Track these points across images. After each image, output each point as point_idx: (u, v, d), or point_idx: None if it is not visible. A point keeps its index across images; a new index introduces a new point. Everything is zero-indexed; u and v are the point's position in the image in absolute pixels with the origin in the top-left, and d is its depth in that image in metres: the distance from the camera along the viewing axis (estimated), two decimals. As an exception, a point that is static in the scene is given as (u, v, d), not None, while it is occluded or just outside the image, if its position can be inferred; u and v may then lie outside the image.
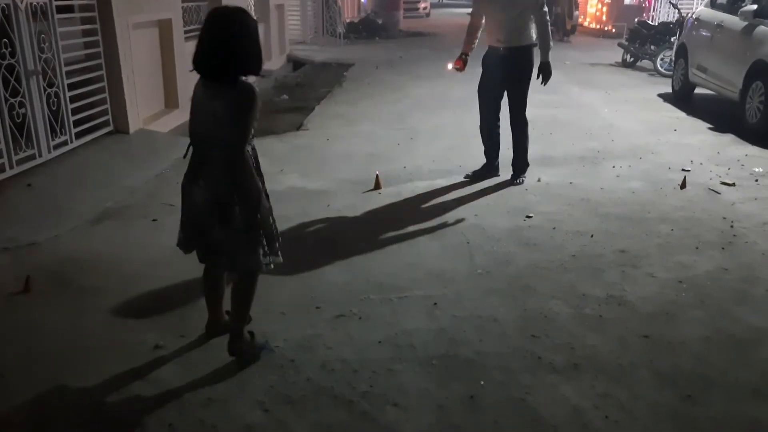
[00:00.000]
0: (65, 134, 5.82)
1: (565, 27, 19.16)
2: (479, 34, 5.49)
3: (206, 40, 2.46)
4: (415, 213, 4.79)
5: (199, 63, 2.50)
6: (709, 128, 7.64)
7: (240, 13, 2.51)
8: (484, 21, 5.39)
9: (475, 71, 5.43)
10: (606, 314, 3.32)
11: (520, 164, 5.49)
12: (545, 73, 5.26)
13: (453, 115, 7.19)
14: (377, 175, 5.36)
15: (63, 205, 4.72)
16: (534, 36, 5.20)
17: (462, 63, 5.39)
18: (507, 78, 5.25)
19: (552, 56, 5.30)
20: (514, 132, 5.42)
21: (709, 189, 5.32)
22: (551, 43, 5.23)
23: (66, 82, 5.78)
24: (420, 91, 9.59)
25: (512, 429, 2.47)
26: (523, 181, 5.43)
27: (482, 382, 2.75)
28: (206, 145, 2.55)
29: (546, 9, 5.17)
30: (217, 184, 2.54)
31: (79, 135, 6.04)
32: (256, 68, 2.54)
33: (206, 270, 2.88)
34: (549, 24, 5.22)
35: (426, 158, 6.22)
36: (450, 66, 5.51)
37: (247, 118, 2.47)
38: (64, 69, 5.75)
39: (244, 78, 2.52)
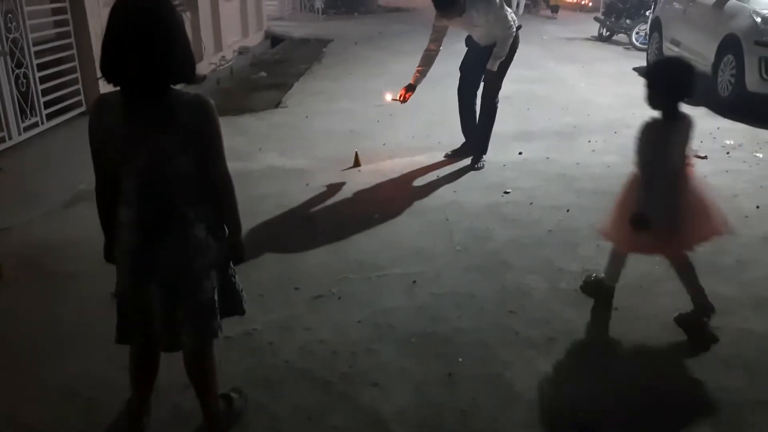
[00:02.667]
0: (36, 116, 5.73)
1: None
2: (434, 62, 5.19)
3: (128, 40, 1.82)
4: (395, 190, 4.80)
5: (118, 72, 1.86)
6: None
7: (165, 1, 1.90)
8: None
9: (456, 48, 5.39)
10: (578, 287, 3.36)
11: (478, 147, 5.34)
12: (488, 81, 5.10)
13: (432, 92, 7.14)
14: (356, 153, 5.34)
15: (35, 188, 4.66)
16: (510, 24, 4.97)
17: (406, 93, 5.14)
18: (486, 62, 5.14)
19: (531, 30, 5.28)
20: (481, 114, 5.33)
21: (684, 162, 5.36)
22: (503, 54, 4.98)
23: (35, 62, 5.68)
24: (400, 67, 9.48)
25: (490, 404, 2.51)
26: (483, 165, 5.26)
27: (460, 359, 2.78)
28: (163, 185, 1.95)
29: (511, 24, 4.91)
30: (197, 228, 2.01)
31: (50, 116, 5.96)
32: (190, 73, 1.94)
33: (143, 347, 2.22)
34: (511, 37, 4.95)
35: (405, 135, 6.21)
36: (389, 97, 5.26)
37: (219, 134, 1.98)
38: (33, 49, 5.64)
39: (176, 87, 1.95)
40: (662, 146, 2.87)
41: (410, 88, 5.17)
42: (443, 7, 4.87)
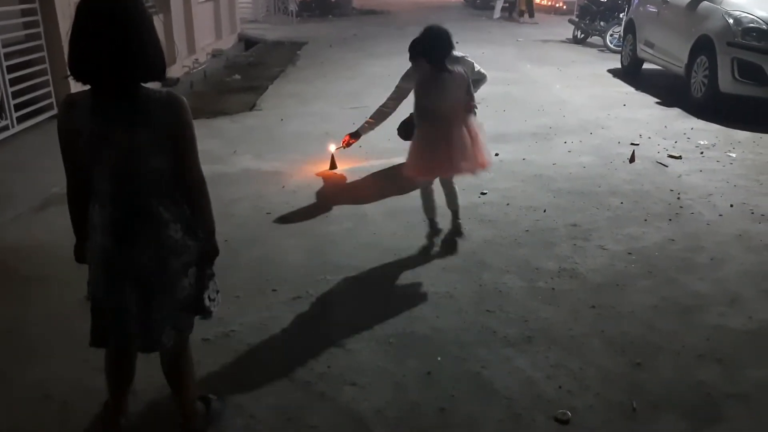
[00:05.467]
0: (6, 119, 5.63)
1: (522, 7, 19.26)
2: (386, 119, 5.26)
3: (96, 37, 1.78)
4: (371, 192, 4.78)
5: (87, 70, 1.83)
6: (657, 102, 7.81)
7: None
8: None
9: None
10: (558, 287, 3.38)
11: None
12: None
13: (410, 96, 7.20)
14: (333, 155, 5.32)
15: (5, 191, 4.57)
16: (483, 71, 5.11)
17: (350, 139, 5.21)
18: None
19: (506, 33, 5.33)
20: None
21: (657, 162, 5.44)
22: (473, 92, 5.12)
23: (5, 64, 5.57)
24: (374, 69, 9.51)
25: (468, 402, 2.50)
26: None
27: (439, 358, 2.78)
28: (136, 185, 1.92)
29: (484, 73, 5.07)
30: (171, 228, 1.97)
31: (21, 119, 5.85)
32: (161, 70, 1.91)
33: (119, 349, 2.16)
34: (485, 79, 5.13)
35: (381, 137, 6.17)
36: (333, 148, 5.28)
37: (192, 132, 1.95)
38: (2, 51, 5.54)
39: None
40: (430, 90, 3.64)
41: (355, 135, 5.24)
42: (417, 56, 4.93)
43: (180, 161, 1.96)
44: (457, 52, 5.23)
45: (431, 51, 3.65)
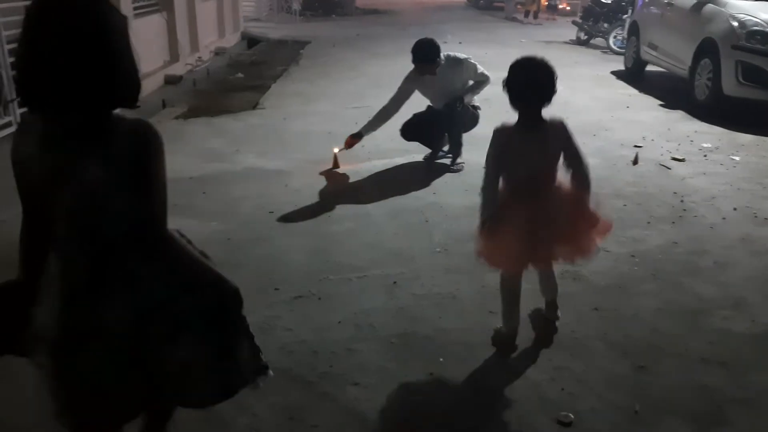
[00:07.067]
0: (9, 115, 5.63)
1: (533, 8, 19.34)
2: (388, 120, 5.38)
3: (53, 49, 1.41)
4: (374, 192, 4.77)
5: (40, 92, 1.45)
6: (660, 105, 7.80)
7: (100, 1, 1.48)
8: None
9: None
10: (561, 289, 3.35)
11: (454, 150, 5.36)
12: (456, 113, 5.15)
13: (413, 95, 7.17)
14: (335, 154, 5.31)
15: (8, 188, 4.55)
16: (486, 72, 5.20)
17: (353, 141, 5.28)
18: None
19: (509, 34, 5.33)
20: (452, 133, 5.33)
21: (660, 164, 5.43)
22: (475, 93, 5.23)
23: (8, 60, 5.57)
24: (377, 69, 9.52)
25: (471, 403, 2.50)
26: (461, 167, 5.24)
27: (441, 359, 2.77)
28: (103, 232, 1.54)
29: (487, 74, 5.16)
30: (147, 284, 1.59)
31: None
32: (135, 94, 1.54)
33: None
34: (488, 82, 5.16)
35: (384, 136, 6.17)
36: (336, 149, 5.28)
37: (162, 170, 1.55)
38: (6, 47, 5.53)
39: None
40: (505, 156, 2.67)
41: (357, 136, 5.31)
42: (422, 59, 5.10)
43: (144, 204, 1.54)
44: (459, 54, 5.27)
45: (528, 99, 2.63)
